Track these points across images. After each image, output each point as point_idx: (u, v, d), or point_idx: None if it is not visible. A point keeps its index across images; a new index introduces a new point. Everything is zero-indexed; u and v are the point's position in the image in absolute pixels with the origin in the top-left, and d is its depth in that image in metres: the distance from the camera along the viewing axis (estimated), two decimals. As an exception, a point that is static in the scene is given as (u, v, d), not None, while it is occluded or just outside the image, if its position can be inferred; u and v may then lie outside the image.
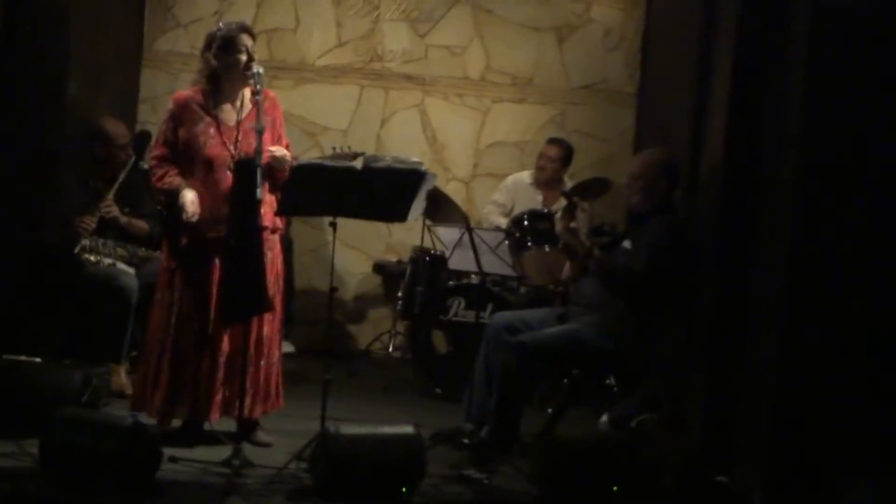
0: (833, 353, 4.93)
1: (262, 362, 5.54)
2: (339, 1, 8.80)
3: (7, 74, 6.01)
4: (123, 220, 6.72)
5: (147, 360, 5.60)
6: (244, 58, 5.46)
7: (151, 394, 5.52)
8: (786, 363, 5.01)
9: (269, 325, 5.56)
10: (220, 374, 5.43)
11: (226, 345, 5.43)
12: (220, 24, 5.65)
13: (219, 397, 5.45)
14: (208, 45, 5.56)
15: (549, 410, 6.24)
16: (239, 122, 5.50)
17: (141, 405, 5.56)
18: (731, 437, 5.43)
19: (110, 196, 6.67)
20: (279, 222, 5.66)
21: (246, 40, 5.50)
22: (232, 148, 5.44)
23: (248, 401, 5.45)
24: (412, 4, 8.82)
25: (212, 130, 5.48)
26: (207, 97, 5.54)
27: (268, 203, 5.42)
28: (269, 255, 5.50)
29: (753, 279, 5.45)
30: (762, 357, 5.23)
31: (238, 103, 5.55)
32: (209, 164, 5.44)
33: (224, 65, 5.49)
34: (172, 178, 5.47)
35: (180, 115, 5.53)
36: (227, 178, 5.37)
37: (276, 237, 5.65)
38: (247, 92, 5.57)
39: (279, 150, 5.43)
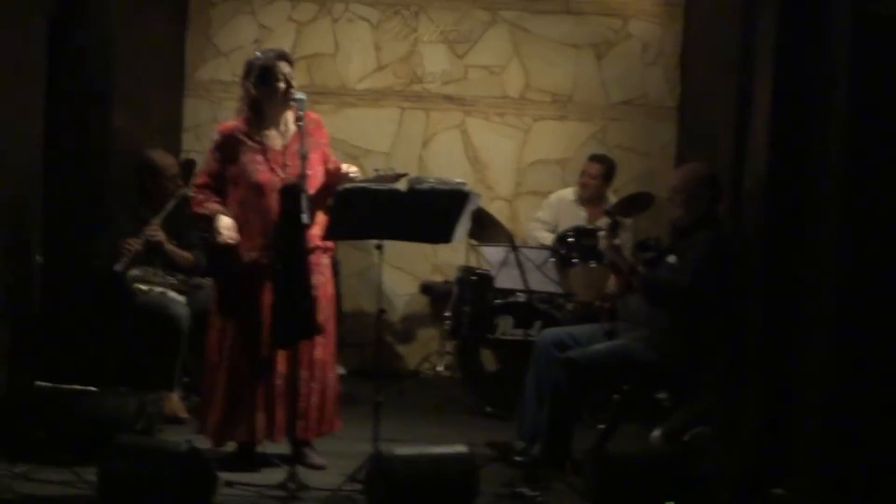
0: (886, 363, 4.90)
1: (316, 385, 5.58)
2: (377, 25, 8.86)
3: (54, 106, 6.08)
4: (168, 246, 6.77)
5: (205, 384, 5.67)
6: (283, 85, 5.52)
7: (208, 417, 5.58)
8: (838, 374, 4.98)
9: (323, 347, 5.60)
10: (278, 396, 5.47)
11: (282, 367, 5.47)
12: (258, 53, 5.72)
13: (278, 419, 5.48)
14: (247, 74, 5.62)
15: (601, 426, 6.23)
16: (285, 147, 5.56)
17: (200, 428, 5.65)
18: (785, 448, 5.40)
19: (157, 221, 6.73)
20: (329, 242, 5.70)
21: (283, 68, 5.55)
22: (280, 172, 5.49)
23: (304, 423, 5.50)
24: (450, 26, 8.87)
25: (259, 157, 5.54)
26: (252, 125, 5.60)
27: (319, 223, 5.47)
28: (320, 279, 5.56)
29: (802, 290, 5.42)
30: (815, 368, 5.20)
31: (282, 128, 5.61)
32: (259, 191, 5.49)
33: (264, 93, 5.55)
34: (210, 205, 5.55)
35: (225, 146, 5.60)
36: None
37: (328, 261, 5.69)
38: (290, 116, 5.63)
39: (354, 170, 5.55)
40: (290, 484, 5.11)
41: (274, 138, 5.60)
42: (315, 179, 5.50)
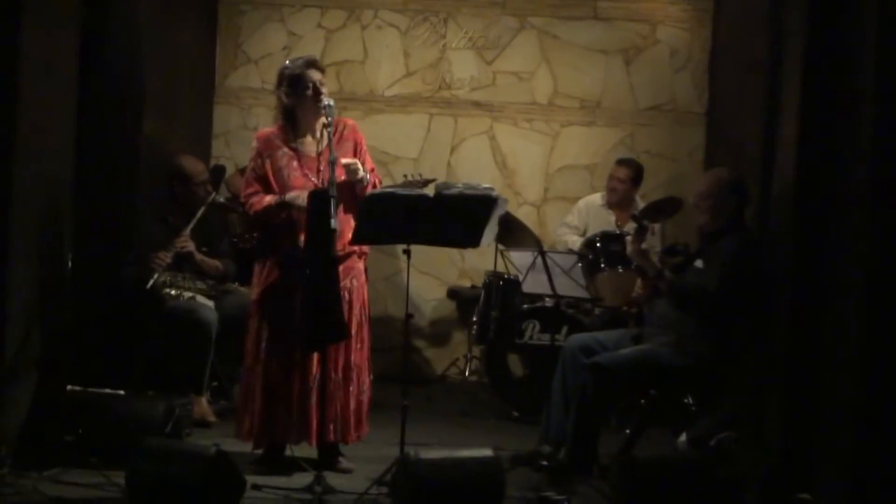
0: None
1: (353, 389, 5.61)
2: (406, 31, 8.90)
3: (85, 112, 6.13)
4: (198, 256, 6.81)
5: (241, 388, 5.74)
6: (311, 93, 5.57)
7: (244, 420, 5.63)
8: (866, 379, 4.96)
9: (358, 353, 5.65)
10: (313, 398, 5.50)
11: (316, 370, 5.49)
12: (288, 62, 5.78)
13: (314, 422, 5.51)
14: (279, 83, 5.69)
15: (627, 431, 6.24)
16: (319, 154, 5.59)
17: (237, 431, 5.69)
18: (812, 453, 5.38)
19: (187, 231, 6.77)
20: (365, 247, 5.74)
21: (313, 75, 5.61)
22: (315, 178, 5.54)
23: (341, 427, 5.57)
24: (478, 32, 8.89)
25: (294, 163, 5.60)
26: (287, 132, 5.68)
27: (350, 227, 5.50)
28: (355, 284, 5.62)
29: (829, 295, 5.41)
30: (842, 373, 5.18)
31: (318, 135, 5.65)
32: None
33: (295, 101, 5.61)
34: (268, 197, 5.62)
35: (264, 151, 5.68)
36: None
37: (362, 266, 5.72)
38: (322, 121, 5.67)
39: (351, 160, 5.54)
40: (316, 487, 5.14)
41: (309, 145, 5.66)
42: (347, 186, 5.55)
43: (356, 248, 5.64)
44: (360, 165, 5.56)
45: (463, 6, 8.89)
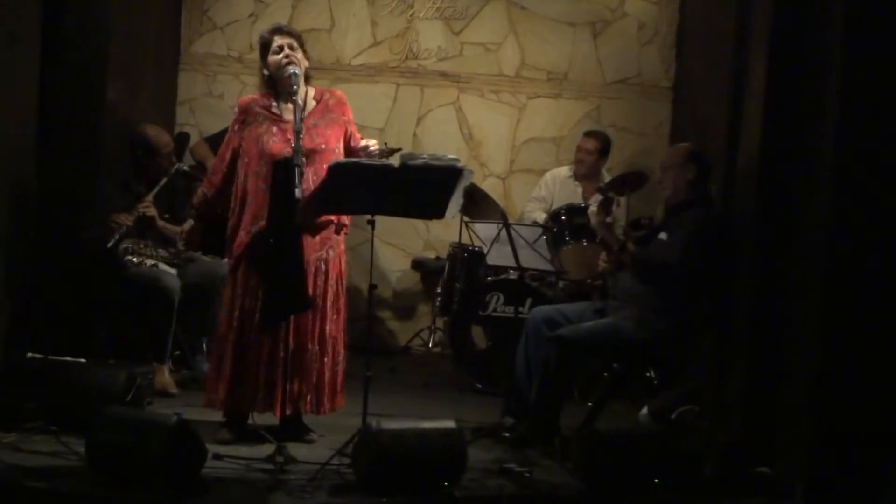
0: (873, 341, 4.92)
1: (328, 360, 5.58)
2: (373, 0, 8.85)
3: (48, 79, 6.07)
4: (160, 222, 6.76)
5: (213, 356, 5.70)
6: (280, 58, 5.53)
7: (216, 388, 5.59)
8: (825, 353, 5.00)
9: (334, 323, 5.62)
10: (281, 368, 5.47)
11: (290, 340, 5.46)
12: (261, 33, 5.74)
13: (279, 392, 5.48)
14: (259, 51, 5.67)
15: (590, 404, 6.26)
16: (301, 121, 5.54)
17: (208, 400, 5.64)
18: (772, 427, 5.43)
19: (150, 197, 6.72)
20: (345, 219, 5.70)
21: (279, 40, 5.57)
22: (293, 144, 5.44)
23: (316, 398, 5.55)
24: (446, 2, 8.86)
25: (274, 129, 5.56)
26: (269, 98, 5.63)
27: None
28: (331, 254, 5.60)
29: (791, 271, 5.44)
30: (801, 347, 5.22)
31: (300, 103, 5.61)
32: (270, 161, 5.48)
33: (269, 67, 5.57)
34: (198, 198, 5.75)
35: (243, 118, 5.65)
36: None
37: (342, 237, 5.69)
38: (310, 91, 5.66)
39: (370, 142, 5.57)
40: (278, 458, 5.12)
41: (290, 112, 5.59)
42: (330, 154, 5.52)
43: (334, 219, 5.60)
44: (373, 146, 5.54)
45: (431, -25, 8.86)
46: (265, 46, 5.61)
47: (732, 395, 5.82)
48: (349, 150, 5.66)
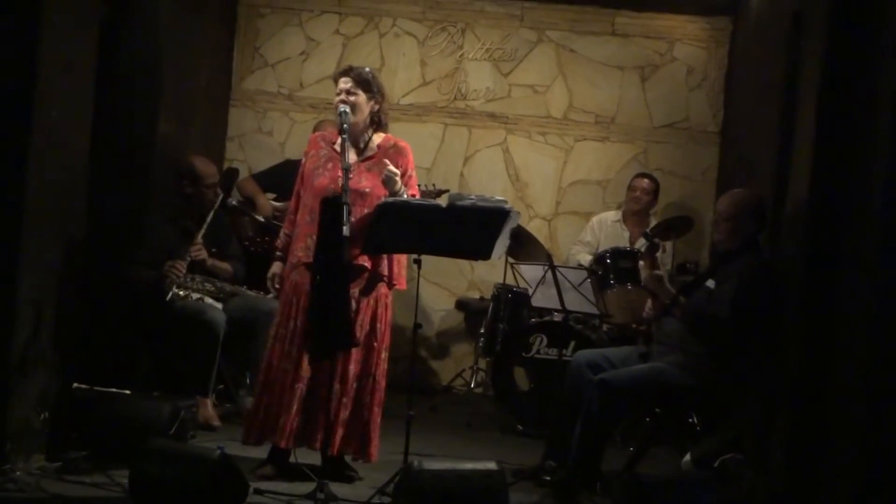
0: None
1: (367, 400, 5.58)
2: (423, 41, 8.92)
3: (102, 111, 6.14)
4: (209, 262, 6.82)
5: (255, 388, 5.73)
6: (337, 100, 5.60)
7: (251, 420, 5.63)
8: (875, 402, 4.94)
9: (376, 364, 5.61)
10: (323, 405, 5.45)
11: (326, 376, 5.46)
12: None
13: (320, 428, 5.48)
14: None
15: (632, 448, 6.23)
16: (359, 163, 5.58)
17: (247, 434, 5.66)
18: (817, 477, 5.37)
19: (199, 239, 6.77)
20: (386, 271, 5.69)
21: (342, 83, 5.64)
22: (339, 182, 5.38)
23: (353, 438, 5.54)
24: (496, 44, 8.91)
25: (329, 165, 5.62)
26: (337, 136, 5.68)
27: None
28: (379, 293, 5.63)
29: (839, 318, 5.39)
30: (850, 396, 5.17)
31: (361, 146, 5.64)
32: (316, 195, 5.54)
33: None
34: (280, 241, 5.80)
35: (308, 151, 5.76)
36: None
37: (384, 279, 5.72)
38: (377, 137, 5.70)
39: (394, 170, 5.52)
40: (319, 495, 5.13)
41: (351, 153, 5.62)
42: (374, 199, 5.53)
43: (383, 273, 5.66)
44: (398, 178, 5.53)
45: (481, 17, 8.91)
46: (335, 85, 5.69)
47: (777, 444, 5.76)
48: None
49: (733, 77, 8.64)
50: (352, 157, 5.52)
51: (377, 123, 5.71)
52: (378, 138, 5.71)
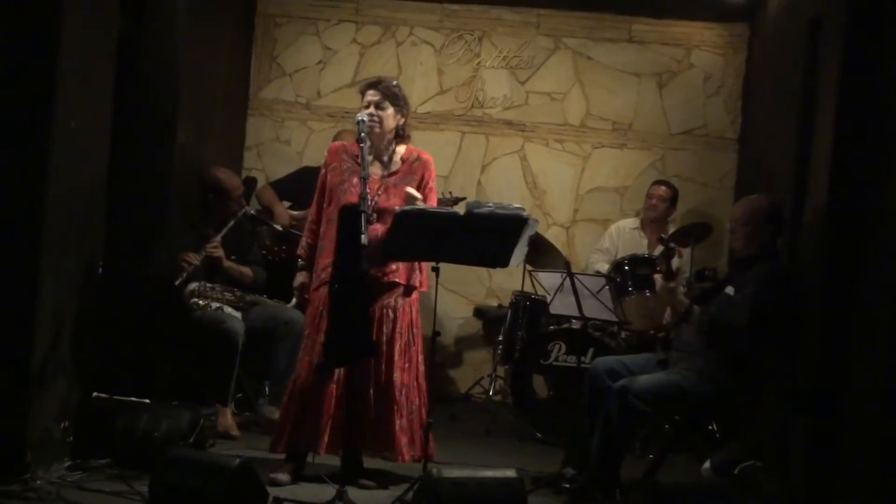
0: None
1: (397, 408, 5.59)
2: (440, 49, 8.93)
3: (120, 120, 6.17)
4: (227, 262, 6.84)
5: (286, 400, 5.75)
6: (363, 113, 5.61)
7: (279, 426, 5.66)
8: (893, 409, 4.93)
9: (405, 372, 5.64)
10: (343, 411, 5.48)
11: (349, 383, 5.47)
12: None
13: (340, 432, 5.50)
14: None
15: (651, 456, 6.21)
16: (384, 178, 5.60)
17: (276, 443, 5.70)
18: (838, 483, 5.35)
19: (218, 238, 6.80)
20: (415, 280, 5.74)
21: (369, 96, 5.66)
22: (370, 198, 5.45)
23: (393, 444, 5.57)
24: (512, 52, 8.91)
25: (355, 179, 5.59)
26: (358, 148, 5.67)
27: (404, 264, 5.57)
28: (399, 302, 5.67)
29: (857, 325, 5.38)
30: (869, 402, 5.15)
31: (385, 159, 5.65)
32: None
33: None
34: (302, 250, 5.82)
35: (330, 163, 5.76)
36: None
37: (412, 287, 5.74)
38: (400, 149, 5.72)
39: (415, 193, 5.55)
40: (338, 502, 5.13)
41: (377, 167, 5.65)
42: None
43: (401, 281, 5.68)
44: (420, 200, 5.55)
45: (498, 25, 8.92)
46: (361, 97, 5.70)
47: (796, 450, 5.75)
48: None
49: (751, 83, 8.63)
50: (377, 171, 5.55)
51: (401, 136, 5.72)
52: (401, 150, 5.73)
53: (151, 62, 6.85)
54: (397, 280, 5.64)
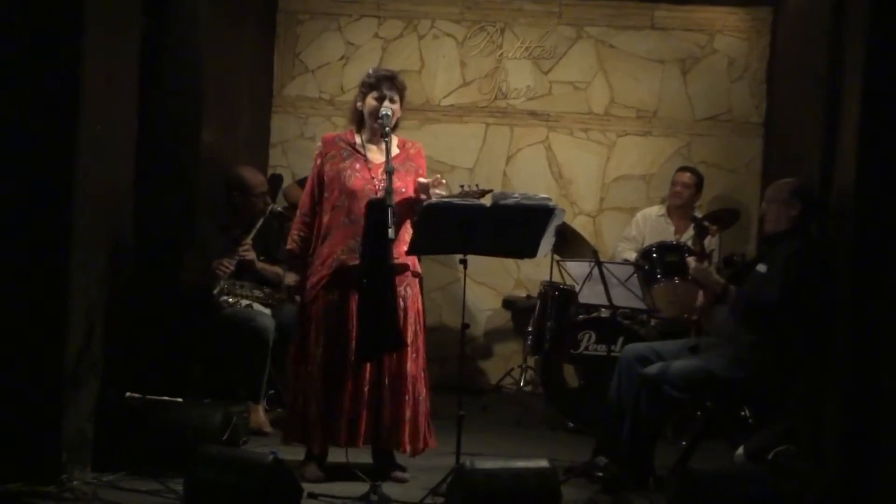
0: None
1: (408, 398, 5.61)
2: (462, 41, 8.92)
3: (145, 120, 6.19)
4: (259, 264, 6.87)
5: (292, 392, 5.78)
6: (378, 105, 5.60)
7: (297, 423, 5.67)
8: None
9: (413, 363, 5.65)
10: (365, 405, 5.51)
11: (370, 377, 5.49)
12: (370, 70, 5.84)
13: (363, 426, 5.52)
14: (359, 90, 5.78)
15: (684, 443, 6.20)
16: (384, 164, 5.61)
17: (290, 438, 5.72)
18: (872, 469, 5.32)
19: (249, 239, 6.82)
20: (418, 266, 5.76)
21: (386, 90, 5.66)
22: (376, 183, 5.54)
23: (398, 436, 5.58)
24: (535, 42, 8.90)
25: (357, 165, 5.65)
26: (354, 136, 5.72)
27: (405, 242, 5.52)
28: (409, 292, 5.65)
29: (889, 307, 5.35)
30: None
31: (384, 146, 5.68)
32: (352, 196, 5.59)
33: (366, 109, 5.64)
34: (294, 244, 5.79)
35: (327, 152, 5.73)
36: None
37: (417, 280, 5.76)
38: (394, 139, 5.72)
39: (426, 181, 5.59)
40: (372, 496, 5.15)
41: (375, 153, 5.68)
42: (406, 197, 5.60)
43: (409, 264, 5.66)
44: (429, 181, 5.59)
45: (519, 16, 8.90)
46: (370, 87, 5.68)
47: (831, 435, 5.72)
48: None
49: (775, 67, 8.59)
50: (380, 158, 5.55)
51: (397, 126, 5.75)
52: (395, 139, 5.73)
53: (174, 62, 6.88)
54: (407, 262, 5.64)
